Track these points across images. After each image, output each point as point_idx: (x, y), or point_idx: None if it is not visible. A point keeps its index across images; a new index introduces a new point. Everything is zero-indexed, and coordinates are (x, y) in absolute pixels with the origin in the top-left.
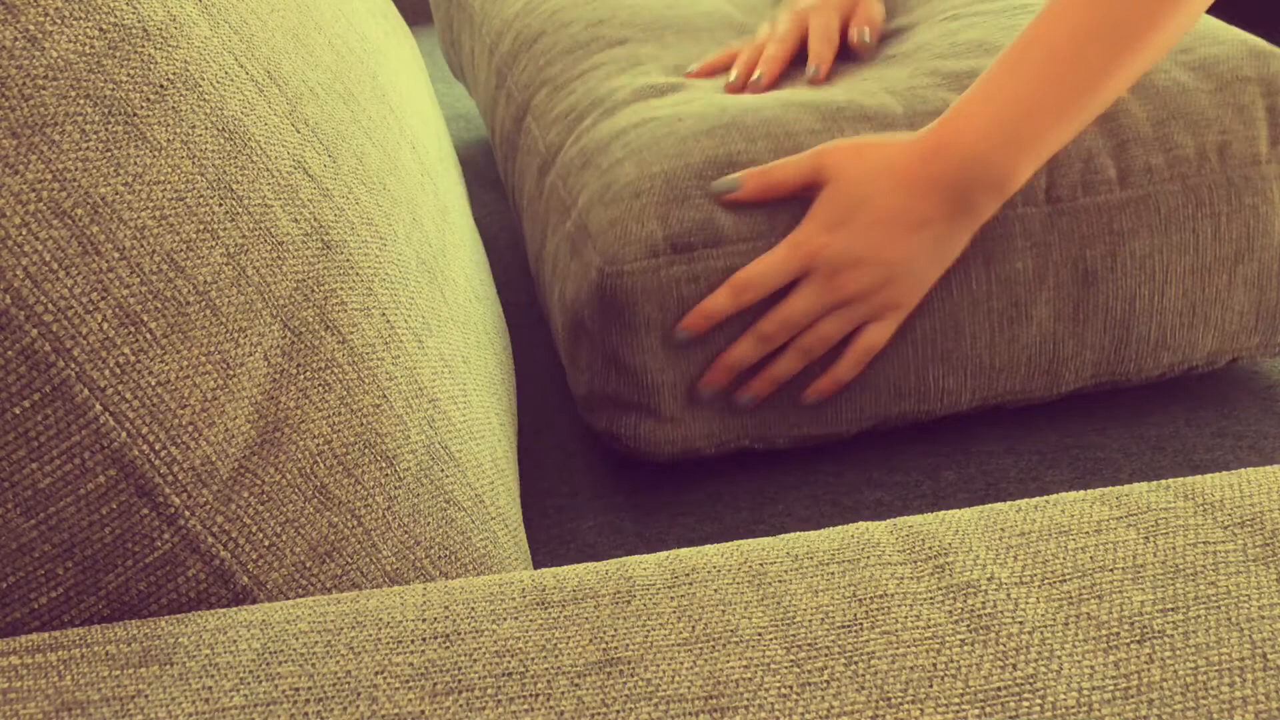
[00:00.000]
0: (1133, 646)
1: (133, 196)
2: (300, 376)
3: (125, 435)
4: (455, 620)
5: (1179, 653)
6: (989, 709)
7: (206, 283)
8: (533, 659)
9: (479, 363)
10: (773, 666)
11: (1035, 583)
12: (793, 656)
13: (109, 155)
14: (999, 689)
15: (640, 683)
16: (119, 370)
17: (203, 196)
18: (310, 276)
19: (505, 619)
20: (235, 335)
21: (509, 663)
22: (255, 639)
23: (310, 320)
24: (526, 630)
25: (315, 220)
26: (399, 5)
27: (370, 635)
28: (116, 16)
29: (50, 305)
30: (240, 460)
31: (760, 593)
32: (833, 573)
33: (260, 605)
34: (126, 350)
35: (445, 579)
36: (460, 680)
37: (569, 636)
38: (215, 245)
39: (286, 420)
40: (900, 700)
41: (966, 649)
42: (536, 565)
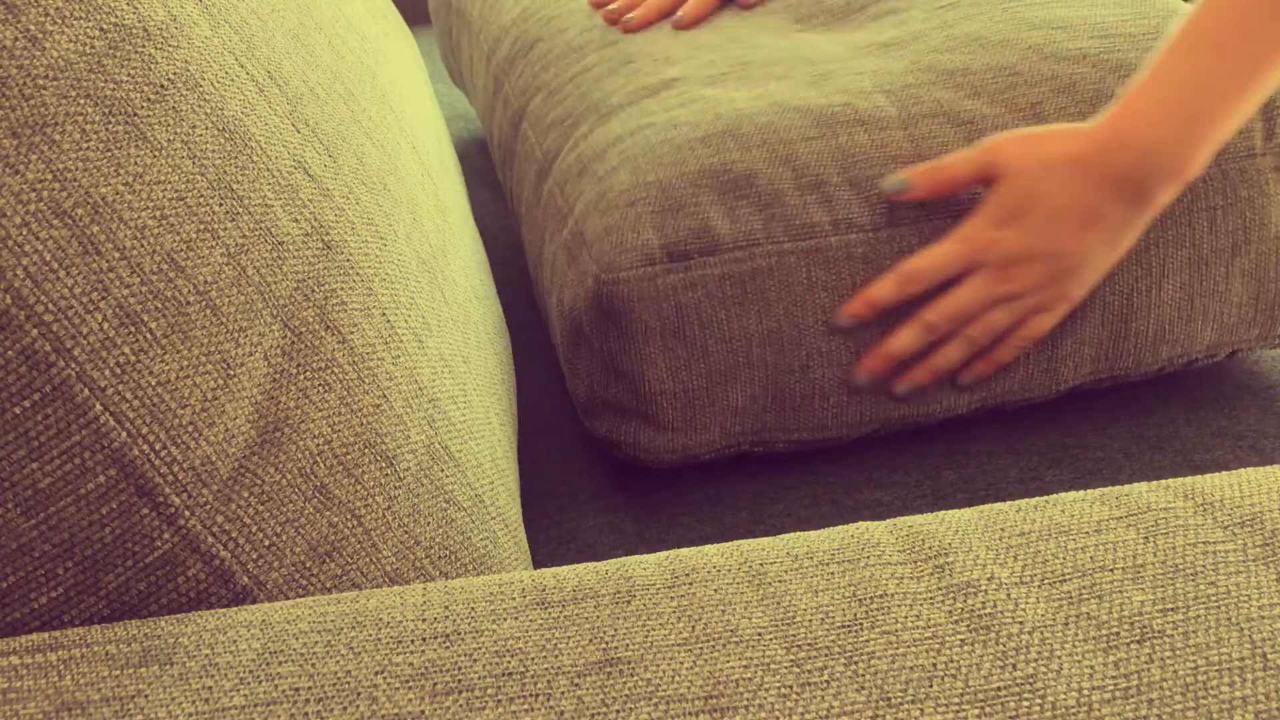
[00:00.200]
0: (1133, 646)
1: (133, 196)
2: (300, 376)
3: (125, 435)
4: (455, 620)
5: (1179, 653)
6: (989, 709)
7: (207, 283)
8: (533, 659)
9: (479, 363)
10: (773, 666)
11: (1035, 583)
12: (793, 656)
13: (109, 155)
14: (999, 689)
15: (640, 683)
16: (119, 370)
17: (203, 196)
18: (310, 276)
19: (505, 619)
20: (235, 335)
21: (509, 663)
22: (255, 639)
23: (310, 320)
24: (526, 630)
25: (316, 220)
26: (399, 5)
27: (370, 635)
28: (117, 16)
29: (50, 305)
30: (240, 460)
31: (760, 593)
32: (833, 573)
33: (260, 605)
34: (127, 350)
35: (445, 579)
36: (460, 680)
37: (569, 636)
38: (215, 245)
39: (287, 420)
40: (900, 700)
41: (966, 649)
42: (536, 565)
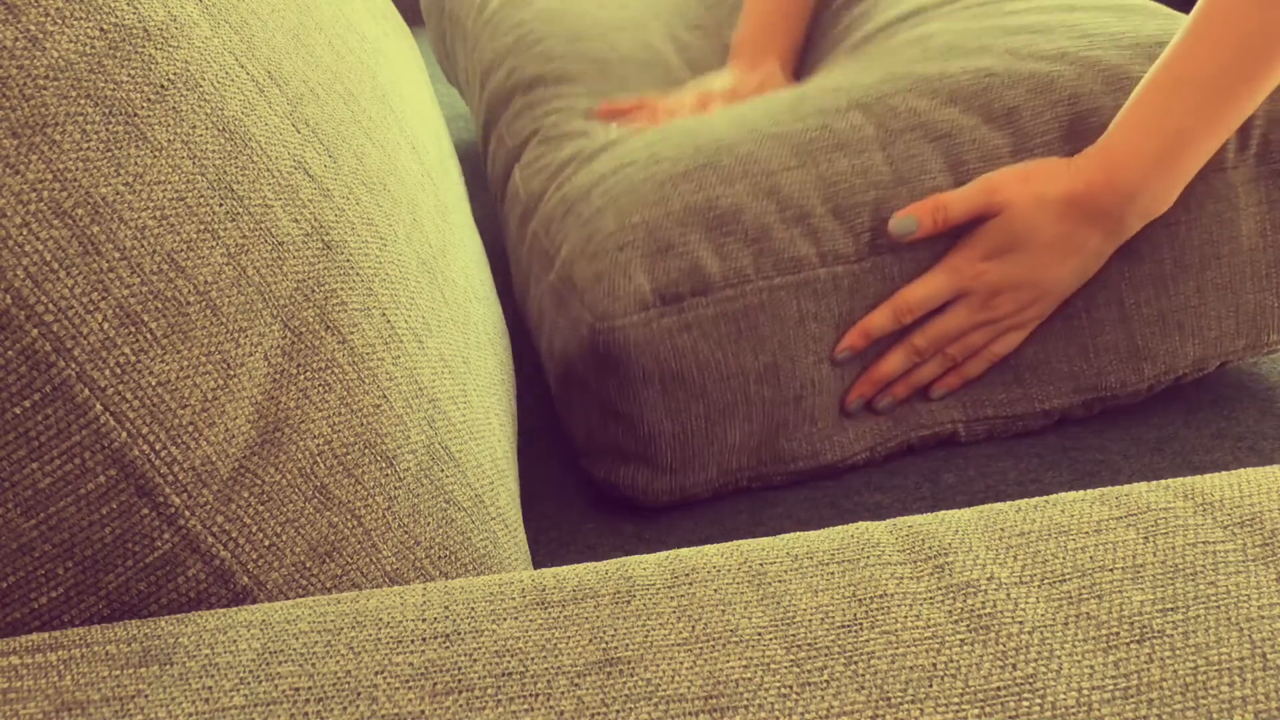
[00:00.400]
0: (1133, 646)
1: (133, 196)
2: (300, 376)
3: (125, 435)
4: (455, 620)
5: (1179, 653)
6: (989, 709)
7: (207, 283)
8: (533, 659)
9: (479, 363)
10: (773, 666)
11: (1035, 583)
12: (793, 656)
13: (110, 155)
14: (999, 689)
15: (640, 683)
16: (119, 370)
17: (203, 196)
18: (310, 276)
19: (505, 619)
20: (235, 335)
21: (509, 663)
22: (255, 639)
23: (310, 320)
24: (526, 630)
25: (316, 220)
26: (399, 5)
27: (370, 635)
28: (117, 17)
29: (51, 305)
30: (240, 460)
31: (760, 593)
32: (833, 573)
33: (260, 605)
34: (127, 350)
35: (445, 579)
36: (460, 680)
37: (569, 636)
38: (216, 245)
39: (287, 420)
40: (900, 700)
41: (966, 649)
42: (536, 565)
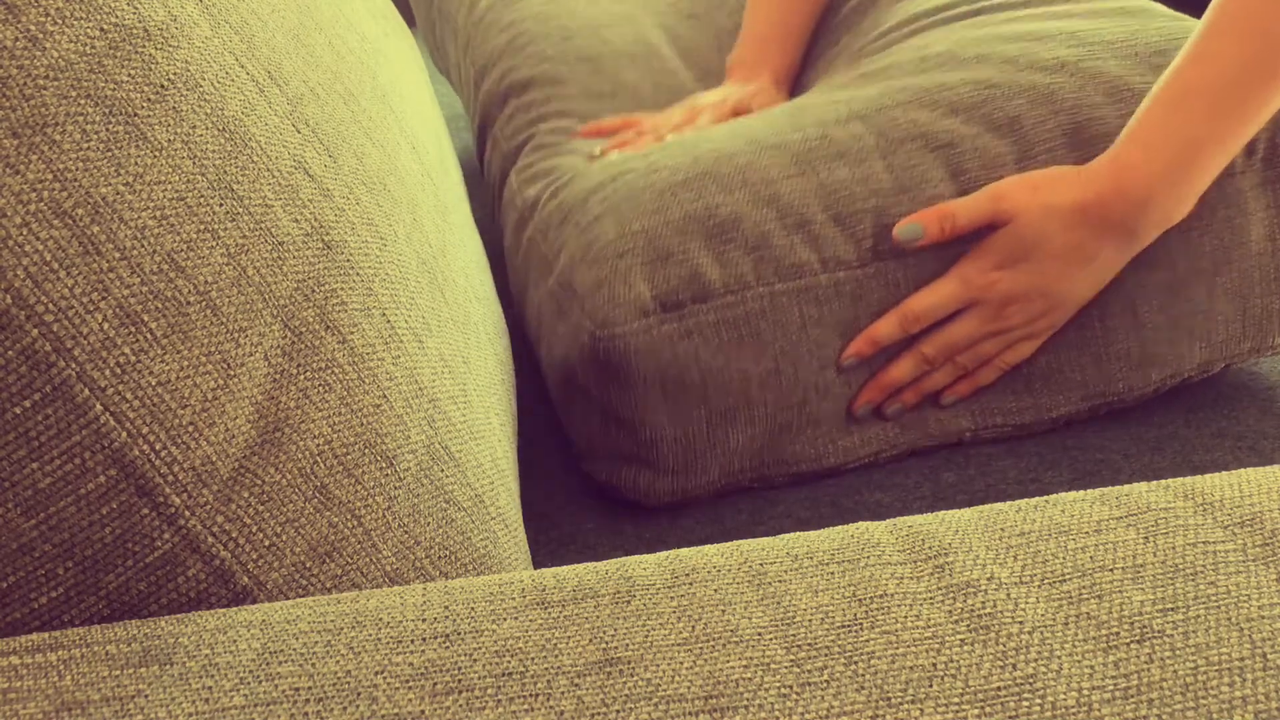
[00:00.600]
0: (1133, 646)
1: (133, 196)
2: (300, 376)
3: (125, 435)
4: (455, 620)
5: (1179, 653)
6: (989, 709)
7: (207, 283)
8: (533, 659)
9: (479, 363)
10: (773, 666)
11: (1035, 583)
12: (793, 656)
13: (110, 155)
14: (999, 689)
15: (640, 683)
16: (119, 370)
17: (203, 196)
18: (310, 276)
19: (505, 619)
20: (235, 335)
21: (509, 663)
22: (255, 639)
23: (310, 320)
24: (526, 630)
25: (316, 220)
26: (399, 5)
27: (370, 635)
28: (117, 17)
29: (51, 305)
30: (240, 460)
31: (760, 593)
32: (833, 573)
33: (260, 605)
34: (127, 350)
35: (445, 579)
36: (460, 680)
37: (569, 636)
38: (216, 245)
39: (287, 420)
40: (900, 700)
41: (966, 649)
42: (536, 565)
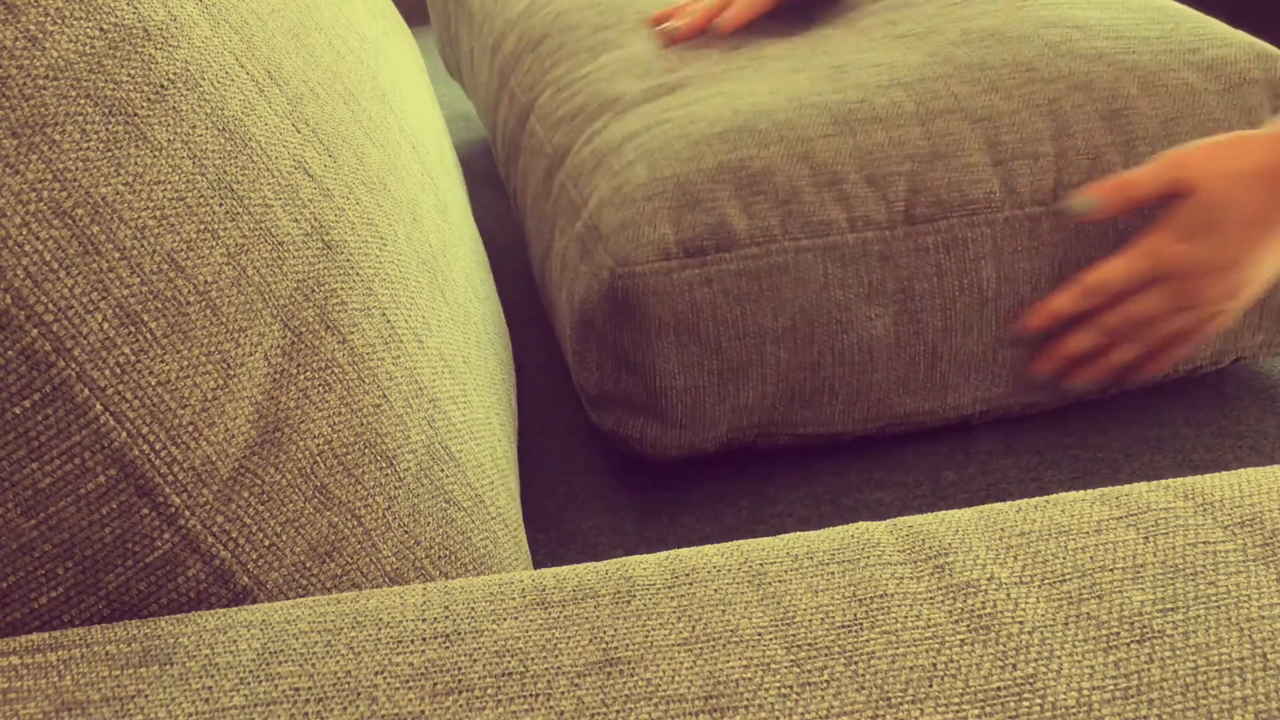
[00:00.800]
0: (1133, 646)
1: (133, 196)
2: (300, 376)
3: (125, 435)
4: (455, 620)
5: (1179, 653)
6: (989, 709)
7: (207, 283)
8: (533, 659)
9: (479, 363)
10: (773, 666)
11: (1035, 583)
12: (793, 656)
13: (109, 155)
14: (999, 689)
15: (640, 683)
16: (119, 370)
17: (203, 196)
18: (310, 276)
19: (505, 619)
20: (235, 335)
21: (509, 663)
22: (255, 639)
23: (310, 320)
24: (526, 630)
25: (316, 220)
26: (399, 5)
27: (370, 635)
28: (117, 16)
29: (51, 305)
30: (240, 460)
31: (760, 593)
32: (833, 573)
33: (260, 605)
34: (127, 350)
35: (445, 579)
36: (460, 680)
37: (569, 636)
38: (215, 245)
39: (287, 420)
40: (900, 700)
41: (966, 649)
42: (536, 565)
